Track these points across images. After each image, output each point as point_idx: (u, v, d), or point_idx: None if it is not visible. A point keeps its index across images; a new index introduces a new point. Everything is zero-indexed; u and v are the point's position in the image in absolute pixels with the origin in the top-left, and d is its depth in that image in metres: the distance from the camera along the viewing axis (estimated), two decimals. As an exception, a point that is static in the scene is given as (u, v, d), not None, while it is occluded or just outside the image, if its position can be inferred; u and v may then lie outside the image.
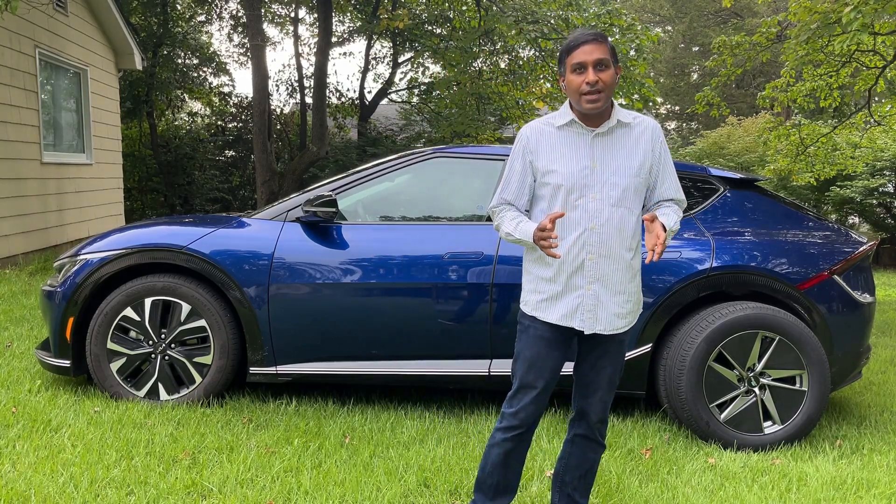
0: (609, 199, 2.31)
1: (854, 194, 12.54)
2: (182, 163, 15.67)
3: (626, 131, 2.37)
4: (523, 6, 10.20)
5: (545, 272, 2.38)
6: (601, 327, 2.35)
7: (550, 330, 2.38)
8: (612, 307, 2.35)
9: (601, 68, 2.27)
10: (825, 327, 3.73)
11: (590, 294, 2.33)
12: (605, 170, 2.33)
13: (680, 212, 2.44)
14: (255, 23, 11.46)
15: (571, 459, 2.53)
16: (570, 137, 2.37)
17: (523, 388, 2.40)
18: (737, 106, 22.28)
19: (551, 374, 2.40)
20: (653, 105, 11.03)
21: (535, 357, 2.39)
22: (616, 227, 2.32)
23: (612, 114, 2.36)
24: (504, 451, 2.44)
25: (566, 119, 2.37)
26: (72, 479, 2.84)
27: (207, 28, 18.27)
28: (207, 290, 3.79)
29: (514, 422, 2.41)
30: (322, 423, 3.62)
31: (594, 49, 2.27)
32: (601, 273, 2.33)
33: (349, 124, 17.46)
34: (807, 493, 3.06)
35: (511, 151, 2.46)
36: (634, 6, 24.46)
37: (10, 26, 7.85)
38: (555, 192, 2.34)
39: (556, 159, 2.35)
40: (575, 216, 2.32)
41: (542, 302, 2.38)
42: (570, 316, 2.35)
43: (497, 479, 2.48)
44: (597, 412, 2.46)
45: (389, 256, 3.75)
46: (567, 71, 2.33)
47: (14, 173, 7.95)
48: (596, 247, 2.32)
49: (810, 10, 6.31)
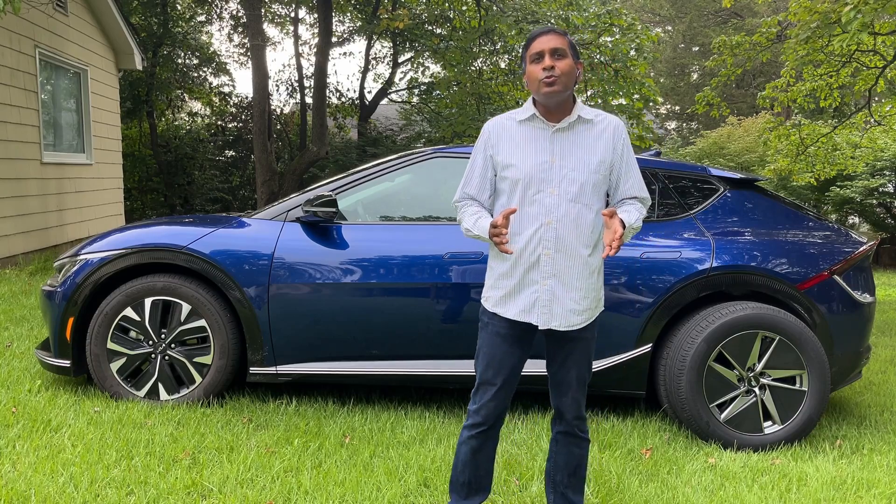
0: (567, 194, 2.33)
1: (854, 194, 12.54)
2: (182, 163, 15.67)
3: (588, 127, 2.39)
4: (523, 6, 10.20)
5: (502, 267, 2.40)
6: (556, 323, 2.36)
7: (509, 326, 2.40)
8: (567, 303, 2.36)
9: (558, 56, 2.32)
10: (825, 327, 3.73)
11: (545, 289, 2.34)
12: (564, 165, 2.34)
13: (644, 210, 2.46)
14: (255, 23, 11.46)
15: (559, 458, 2.54)
16: (530, 132, 2.39)
17: (483, 384, 2.44)
18: (737, 106, 22.28)
19: (510, 370, 2.42)
20: (653, 105, 11.01)
21: (493, 353, 2.42)
22: (573, 222, 2.33)
23: (574, 110, 2.38)
24: (471, 449, 2.48)
25: (528, 114, 2.40)
26: (72, 479, 2.84)
27: (207, 28, 18.24)
28: (207, 290, 3.79)
29: (478, 419, 2.45)
30: (322, 423, 3.62)
31: (551, 39, 2.33)
32: (557, 269, 2.34)
33: (349, 124, 17.47)
34: (807, 493, 3.06)
35: (474, 147, 2.49)
36: (634, 6, 24.43)
37: (10, 26, 7.85)
38: (513, 187, 2.36)
39: (515, 153, 2.37)
40: (532, 211, 2.34)
41: (501, 298, 2.40)
42: (526, 311, 2.36)
43: (468, 476, 2.51)
44: (571, 410, 2.47)
45: (389, 256, 3.75)
46: (527, 63, 2.38)
47: (14, 173, 7.95)
48: (552, 242, 2.33)
49: (810, 9, 6.31)
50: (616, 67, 9.60)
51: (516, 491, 2.94)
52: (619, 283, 3.70)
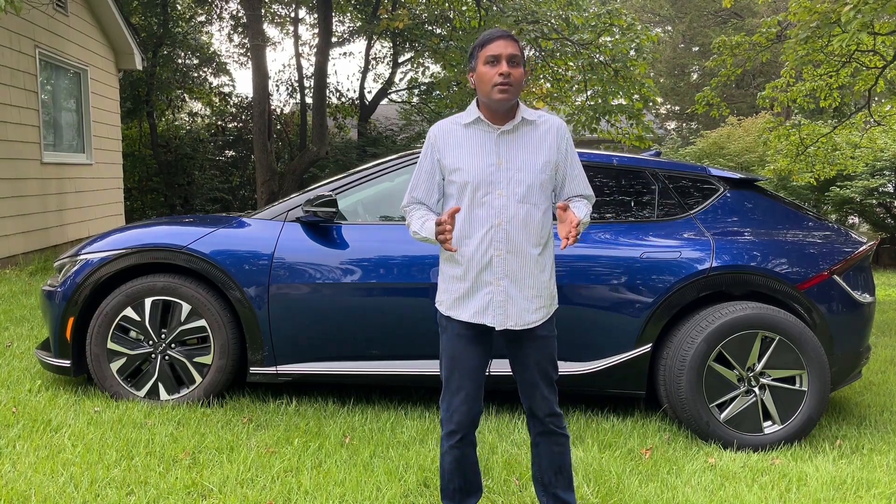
0: (515, 195, 2.35)
1: (854, 194, 12.54)
2: (182, 163, 15.66)
3: (531, 129, 2.42)
4: (523, 6, 10.19)
5: (455, 271, 2.41)
6: (511, 323, 2.37)
7: (466, 328, 2.41)
8: (521, 302, 2.37)
9: (513, 64, 2.33)
10: (825, 327, 3.73)
11: (499, 290, 2.36)
12: (511, 166, 2.37)
13: (590, 207, 2.49)
14: (255, 23, 11.46)
15: (542, 460, 2.54)
16: (476, 135, 2.41)
17: (449, 389, 2.44)
18: (737, 106, 22.27)
19: (474, 372, 2.42)
20: (653, 105, 11.01)
21: (455, 357, 2.43)
22: (522, 222, 2.35)
23: (518, 112, 2.40)
24: (454, 458, 2.47)
25: (472, 117, 2.42)
26: (72, 479, 2.84)
27: (207, 28, 18.25)
28: (207, 290, 3.79)
29: (452, 426, 2.44)
30: (322, 423, 3.62)
31: (508, 44, 2.34)
32: (509, 269, 2.36)
33: (349, 124, 17.46)
34: (807, 493, 3.06)
35: (422, 151, 2.51)
36: (634, 6, 24.44)
37: (11, 26, 7.85)
38: (461, 190, 2.38)
39: (462, 157, 2.39)
40: (482, 213, 2.36)
41: (455, 300, 2.41)
42: (481, 313, 2.38)
43: (458, 483, 2.52)
44: (543, 408, 2.47)
45: (389, 256, 3.75)
46: (479, 63, 2.37)
47: (14, 173, 7.95)
48: (503, 243, 2.35)
49: (810, 9, 6.31)
50: (616, 67, 9.60)
51: (516, 491, 2.94)
52: (618, 283, 3.70)
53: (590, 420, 3.85)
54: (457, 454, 2.47)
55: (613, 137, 10.60)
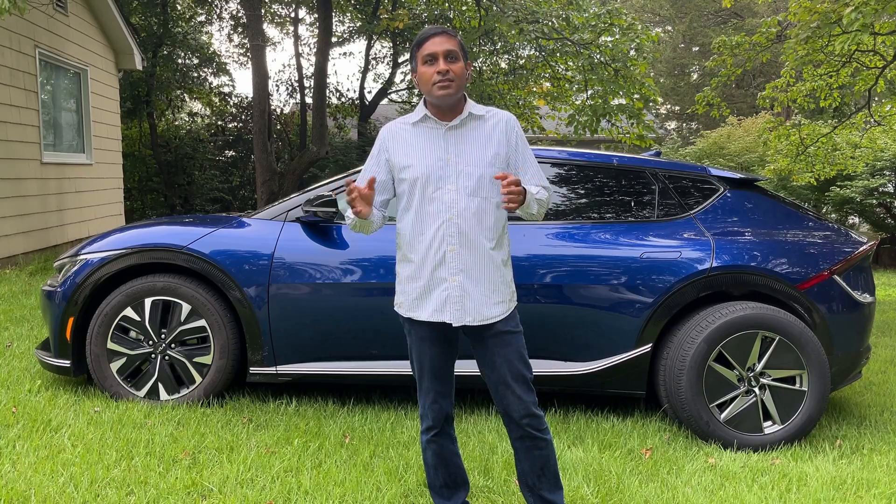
0: (465, 189, 2.36)
1: (854, 194, 12.54)
2: (182, 163, 15.66)
3: (479, 123, 2.43)
4: (523, 6, 10.17)
5: (409, 270, 2.42)
6: (469, 318, 2.36)
7: (427, 328, 2.42)
8: (478, 297, 2.37)
9: (451, 59, 2.34)
10: (825, 327, 3.73)
11: (455, 286, 2.36)
12: (460, 161, 2.38)
13: (546, 193, 2.46)
14: (255, 23, 11.46)
15: (524, 463, 2.50)
16: (424, 132, 2.43)
17: (421, 389, 2.49)
18: (737, 106, 22.28)
19: (441, 371, 2.45)
20: (653, 105, 11.00)
21: (421, 358, 2.45)
22: (474, 216, 2.36)
23: (465, 107, 2.41)
24: (434, 453, 2.53)
25: (420, 115, 2.44)
26: (72, 479, 2.84)
27: (207, 28, 18.26)
28: (207, 290, 3.79)
29: (428, 422, 2.49)
30: (322, 423, 3.62)
31: (444, 41, 2.35)
32: (464, 264, 2.36)
33: (349, 124, 17.46)
34: (807, 493, 3.06)
35: (370, 152, 2.53)
36: (634, 6, 24.44)
37: (10, 26, 7.85)
38: (412, 187, 2.39)
39: (411, 154, 2.41)
40: (433, 208, 2.36)
41: (414, 301, 2.41)
42: (440, 310, 2.38)
43: (443, 479, 2.55)
44: (517, 410, 2.41)
45: (389, 256, 3.75)
46: (418, 64, 2.39)
47: (14, 173, 7.95)
48: (456, 237, 2.35)
49: (810, 10, 6.31)
50: (616, 67, 9.60)
51: (516, 491, 2.94)
52: (618, 283, 3.70)
53: (590, 420, 3.85)
54: (435, 448, 2.52)
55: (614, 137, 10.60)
